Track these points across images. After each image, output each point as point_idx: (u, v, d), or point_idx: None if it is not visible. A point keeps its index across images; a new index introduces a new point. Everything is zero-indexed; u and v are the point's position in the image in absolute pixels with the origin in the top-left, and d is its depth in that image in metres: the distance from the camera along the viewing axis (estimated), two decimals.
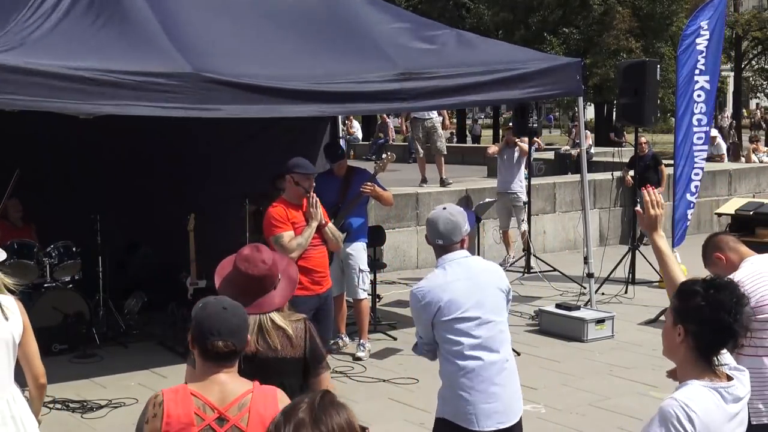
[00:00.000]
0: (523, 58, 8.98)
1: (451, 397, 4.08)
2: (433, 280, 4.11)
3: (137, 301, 9.01)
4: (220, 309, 3.04)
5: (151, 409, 2.96)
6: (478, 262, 4.29)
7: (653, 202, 3.89)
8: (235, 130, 9.39)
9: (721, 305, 2.87)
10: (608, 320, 8.78)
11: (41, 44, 6.53)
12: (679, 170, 10.66)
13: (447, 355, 4.10)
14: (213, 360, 3.00)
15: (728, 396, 2.89)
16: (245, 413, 2.97)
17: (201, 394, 2.97)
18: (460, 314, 4.03)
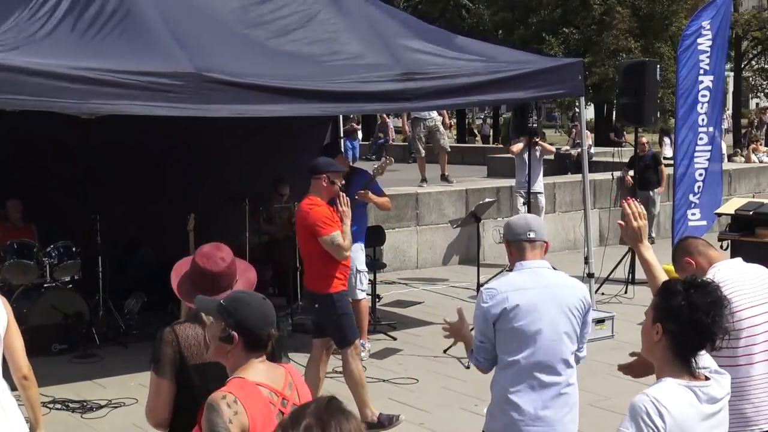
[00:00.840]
0: (524, 59, 8.98)
1: (500, 414, 3.89)
2: (506, 282, 3.92)
3: (137, 301, 9.01)
4: (262, 301, 3.12)
5: (227, 409, 2.90)
6: (558, 276, 4.07)
7: (635, 214, 3.87)
8: (235, 130, 9.38)
9: (699, 306, 2.86)
10: (608, 320, 8.79)
11: (42, 44, 6.53)
12: (680, 170, 10.66)
13: (502, 366, 3.89)
14: (259, 349, 3.07)
15: (702, 395, 2.88)
16: (295, 390, 3.09)
17: (263, 382, 3.03)
18: (524, 325, 3.81)
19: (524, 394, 3.82)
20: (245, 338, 3.05)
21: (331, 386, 7.29)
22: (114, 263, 9.11)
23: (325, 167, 6.46)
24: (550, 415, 3.83)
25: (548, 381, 3.84)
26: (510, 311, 3.81)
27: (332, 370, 7.70)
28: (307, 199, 6.37)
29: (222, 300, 3.15)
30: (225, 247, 3.70)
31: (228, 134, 9.53)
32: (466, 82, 8.10)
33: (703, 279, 3.01)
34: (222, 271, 3.60)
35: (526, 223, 4.00)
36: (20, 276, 8.28)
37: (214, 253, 3.64)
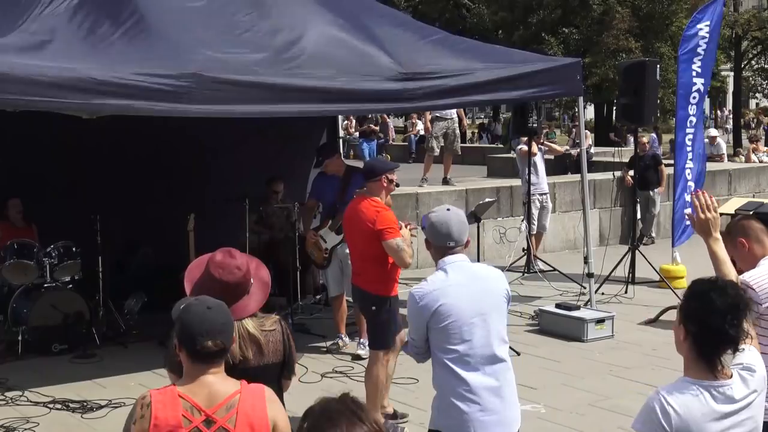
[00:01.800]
0: (523, 59, 8.99)
1: (447, 407, 3.94)
2: (434, 283, 3.99)
3: (137, 301, 9.01)
4: (205, 309, 3.02)
5: (139, 410, 2.99)
6: (481, 267, 4.21)
7: (703, 206, 3.81)
8: (235, 130, 9.39)
9: (716, 309, 2.88)
10: (608, 320, 8.78)
11: (44, 44, 6.53)
12: (680, 170, 10.68)
13: (443, 362, 3.96)
14: (202, 361, 3.00)
15: (719, 395, 2.90)
16: (233, 414, 2.98)
17: (188, 396, 2.98)
18: (459, 320, 3.91)
19: (468, 384, 3.90)
20: (184, 347, 3.02)
21: (331, 386, 7.30)
22: (114, 263, 9.12)
23: (381, 169, 6.51)
24: (497, 403, 3.93)
25: (489, 369, 3.93)
26: (442, 311, 3.90)
27: (332, 369, 7.71)
28: (369, 200, 6.35)
29: (181, 305, 3.14)
30: (237, 252, 3.68)
31: (228, 134, 9.54)
32: (466, 81, 8.10)
33: (727, 280, 3.03)
34: (239, 281, 3.58)
35: (447, 232, 4.04)
36: (20, 276, 8.28)
37: (229, 262, 3.60)
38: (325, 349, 8.31)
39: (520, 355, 7.96)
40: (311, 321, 9.31)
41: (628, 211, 13.56)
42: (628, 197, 13.74)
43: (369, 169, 6.59)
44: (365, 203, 6.37)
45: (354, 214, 6.43)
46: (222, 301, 3.15)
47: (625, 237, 13.66)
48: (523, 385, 7.30)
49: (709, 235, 3.80)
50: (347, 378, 7.54)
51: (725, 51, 37.53)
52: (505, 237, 12.36)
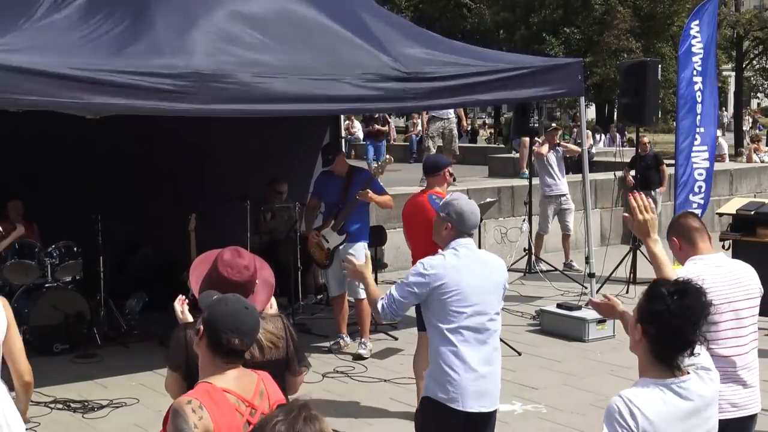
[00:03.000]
0: (523, 60, 8.99)
1: (440, 375, 4.25)
2: (445, 259, 4.30)
3: (138, 301, 9.01)
4: (242, 308, 3.07)
5: (193, 415, 2.90)
6: (485, 253, 4.60)
7: (641, 207, 3.85)
8: (235, 129, 9.38)
9: (680, 313, 2.85)
10: (609, 320, 8.78)
11: (47, 44, 6.53)
12: (681, 170, 10.67)
13: (442, 332, 4.26)
14: (224, 356, 3.03)
15: (683, 392, 2.87)
16: (266, 400, 3.06)
17: (231, 389, 3.00)
18: (463, 296, 4.22)
19: (463, 354, 4.23)
20: (208, 336, 3.03)
21: (332, 386, 7.31)
22: (115, 263, 9.12)
23: (444, 163, 6.96)
24: (486, 375, 4.29)
25: (483, 345, 4.28)
26: (450, 284, 4.22)
27: (333, 369, 7.71)
28: (434, 192, 6.68)
29: (215, 296, 3.17)
30: (244, 251, 3.71)
31: (229, 134, 9.53)
32: (467, 81, 8.09)
33: (689, 282, 2.97)
34: (247, 280, 3.63)
35: (476, 221, 4.45)
36: (21, 276, 8.28)
37: (237, 262, 3.63)
38: (326, 349, 8.31)
39: (521, 355, 7.96)
40: (312, 321, 9.31)
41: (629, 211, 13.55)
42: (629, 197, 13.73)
43: (433, 164, 6.93)
44: (428, 195, 6.71)
45: (419, 205, 6.68)
46: (254, 305, 3.21)
47: (626, 237, 13.64)
48: (524, 385, 7.31)
49: (647, 236, 3.85)
50: (348, 378, 7.54)
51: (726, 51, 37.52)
52: (506, 237, 12.36)
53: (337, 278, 8.27)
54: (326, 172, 8.50)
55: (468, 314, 4.24)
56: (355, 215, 8.13)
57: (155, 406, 6.60)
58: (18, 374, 3.81)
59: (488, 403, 4.29)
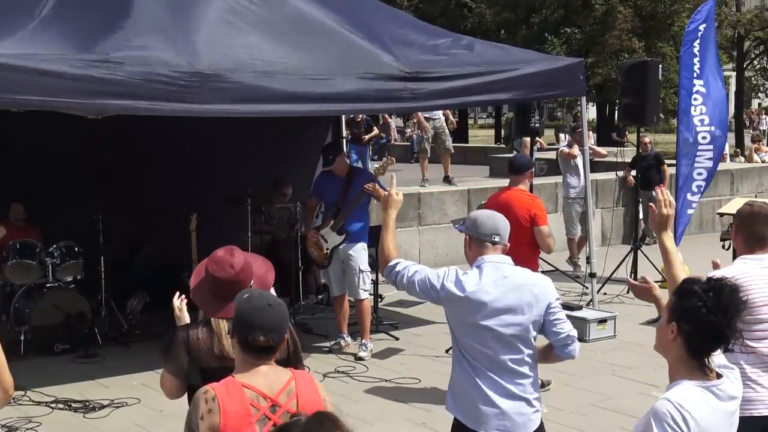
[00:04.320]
0: (527, 59, 8.98)
1: (458, 392, 3.99)
2: (467, 279, 3.90)
3: (139, 301, 9.01)
4: (265, 305, 3.08)
5: (204, 405, 2.98)
6: (521, 273, 4.03)
7: (665, 201, 3.87)
8: (238, 130, 9.38)
9: (716, 309, 2.87)
10: (610, 320, 8.78)
11: (50, 45, 6.53)
12: (681, 170, 10.66)
13: (456, 345, 3.96)
14: (253, 353, 3.06)
15: (722, 394, 2.91)
16: (293, 399, 3.06)
17: (252, 385, 3.03)
18: (479, 319, 3.85)
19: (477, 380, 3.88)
20: (237, 335, 3.08)
21: (332, 386, 7.31)
22: (116, 263, 9.11)
23: (529, 165, 7.41)
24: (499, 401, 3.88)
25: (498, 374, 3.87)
26: (463, 303, 3.85)
27: (334, 369, 7.72)
28: (518, 190, 7.06)
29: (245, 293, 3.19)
30: (237, 251, 3.68)
31: (230, 134, 9.53)
32: (468, 82, 8.09)
33: (721, 279, 3.01)
34: (231, 279, 3.58)
35: (494, 225, 4.01)
36: (23, 276, 8.29)
37: (224, 259, 3.62)
38: (327, 349, 8.31)
39: None
40: (313, 321, 9.31)
41: (630, 211, 13.53)
42: (630, 197, 13.73)
43: (519, 165, 7.28)
44: (516, 192, 7.09)
45: (505, 202, 6.89)
46: (282, 301, 3.19)
47: (627, 237, 13.65)
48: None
49: (664, 229, 3.85)
50: (349, 378, 7.54)
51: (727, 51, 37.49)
52: None
53: (338, 279, 8.27)
54: (326, 172, 8.51)
55: (477, 339, 3.88)
56: (355, 215, 8.13)
57: (156, 405, 6.60)
58: (4, 387, 3.61)
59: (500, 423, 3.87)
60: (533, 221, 6.88)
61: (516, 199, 6.96)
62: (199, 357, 3.53)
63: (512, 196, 7.02)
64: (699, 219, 14.31)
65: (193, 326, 3.64)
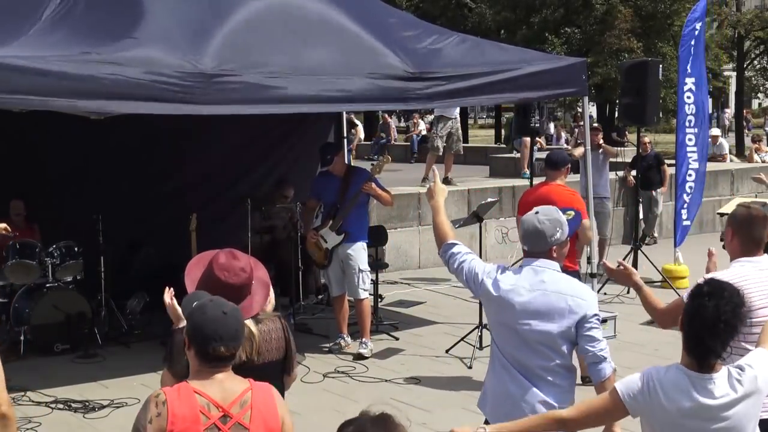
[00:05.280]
0: (529, 59, 8.99)
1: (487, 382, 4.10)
2: (504, 278, 3.92)
3: (139, 301, 9.01)
4: (220, 314, 3.01)
5: (154, 409, 2.94)
6: (561, 280, 3.93)
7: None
8: (239, 130, 9.39)
9: (712, 315, 2.96)
10: (611, 320, 8.74)
11: (53, 45, 6.53)
12: (681, 170, 10.67)
13: (495, 350, 4.03)
14: (211, 363, 3.01)
15: (701, 387, 2.98)
16: (247, 410, 3.00)
17: (204, 392, 2.97)
18: (507, 319, 3.87)
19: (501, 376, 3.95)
20: (194, 346, 3.02)
21: (332, 386, 7.30)
22: (116, 263, 9.11)
23: (566, 160, 7.51)
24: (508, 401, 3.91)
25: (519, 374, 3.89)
26: (496, 302, 3.91)
27: (334, 369, 7.71)
28: (556, 185, 7.19)
29: (195, 302, 3.14)
30: (240, 253, 3.68)
31: (232, 134, 9.54)
32: (472, 82, 8.09)
33: (726, 285, 3.06)
34: (243, 283, 3.60)
35: (522, 233, 4.04)
36: (22, 276, 8.28)
37: (233, 264, 3.61)
38: (327, 349, 8.31)
39: None
40: (313, 321, 9.30)
41: (631, 211, 13.53)
42: (630, 197, 13.72)
43: (557, 160, 7.40)
44: (555, 187, 7.19)
45: (544, 196, 6.96)
46: (235, 305, 3.15)
47: (627, 237, 13.64)
48: None
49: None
50: (349, 378, 7.54)
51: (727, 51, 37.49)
52: (507, 237, 12.35)
53: (338, 279, 8.27)
54: (324, 173, 8.50)
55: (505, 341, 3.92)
56: (354, 215, 8.13)
57: None
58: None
59: None
60: None
61: (557, 194, 7.07)
62: None
63: (553, 191, 7.16)
64: (699, 219, 14.27)
65: None
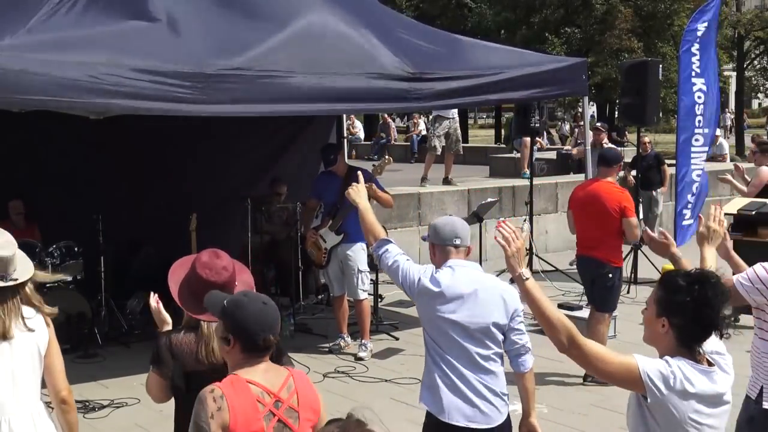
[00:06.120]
0: (529, 60, 8.99)
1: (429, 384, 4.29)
2: (442, 276, 4.08)
3: (139, 301, 9.00)
4: (262, 305, 3.09)
5: (213, 404, 2.97)
6: (490, 277, 4.23)
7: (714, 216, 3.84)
8: (239, 129, 9.39)
9: (705, 302, 2.97)
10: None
11: (52, 45, 6.53)
12: (681, 170, 10.67)
13: (427, 339, 4.27)
14: (259, 353, 3.08)
15: (709, 379, 3.00)
16: (294, 394, 3.09)
17: (256, 381, 3.04)
18: (450, 313, 4.07)
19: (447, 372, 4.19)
20: (241, 342, 3.07)
21: (332, 386, 7.30)
22: (116, 263, 9.11)
23: (619, 157, 7.82)
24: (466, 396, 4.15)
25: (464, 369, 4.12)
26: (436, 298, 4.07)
27: (334, 369, 7.71)
28: (606, 183, 7.46)
29: (225, 301, 3.16)
30: (223, 253, 3.73)
31: (231, 134, 9.54)
32: (472, 82, 8.11)
33: (703, 271, 3.07)
34: (225, 281, 3.63)
35: (452, 230, 4.17)
36: None
37: (215, 263, 3.66)
38: (326, 349, 8.31)
39: None
40: (313, 321, 9.31)
41: None
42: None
43: (610, 157, 7.69)
44: (605, 184, 7.47)
45: (594, 193, 7.47)
46: (268, 297, 3.21)
47: None
48: None
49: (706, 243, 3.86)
50: (349, 378, 7.54)
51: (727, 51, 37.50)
52: None
53: (337, 279, 8.27)
54: (326, 173, 8.50)
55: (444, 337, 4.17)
56: (353, 215, 8.07)
57: (156, 406, 6.54)
58: (55, 390, 3.75)
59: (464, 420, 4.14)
60: (623, 213, 7.27)
61: (606, 191, 7.37)
62: (183, 361, 3.58)
63: (602, 188, 7.43)
64: None
65: (175, 331, 3.71)
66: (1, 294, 3.57)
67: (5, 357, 3.55)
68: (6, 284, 3.57)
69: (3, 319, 3.56)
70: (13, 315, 3.60)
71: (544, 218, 13.37)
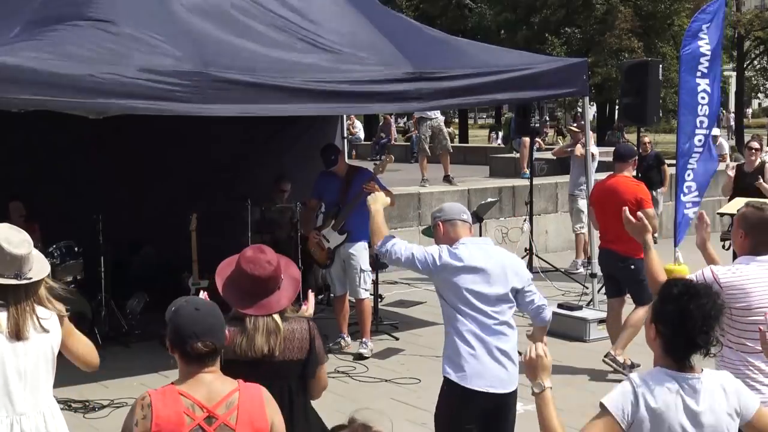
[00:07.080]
0: (530, 59, 9.00)
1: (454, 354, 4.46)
2: (464, 251, 4.44)
3: (139, 301, 9.01)
4: (193, 310, 3.05)
5: (140, 411, 2.97)
6: (502, 250, 4.70)
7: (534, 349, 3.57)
8: (239, 129, 9.39)
9: (690, 316, 2.92)
10: None
11: (50, 45, 6.53)
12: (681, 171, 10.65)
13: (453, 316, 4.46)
14: (195, 361, 3.02)
15: (688, 388, 2.96)
16: (233, 411, 2.99)
17: (189, 393, 2.98)
18: (472, 284, 4.40)
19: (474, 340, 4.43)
20: (177, 350, 3.05)
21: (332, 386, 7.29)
22: (116, 263, 9.11)
23: (633, 152, 8.15)
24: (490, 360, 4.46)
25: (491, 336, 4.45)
26: (461, 273, 4.42)
27: (335, 369, 7.71)
28: (623, 177, 7.72)
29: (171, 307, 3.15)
30: (268, 248, 3.77)
31: (231, 133, 9.54)
32: (473, 82, 8.11)
33: (702, 284, 3.05)
34: (270, 275, 3.66)
35: (459, 208, 4.69)
36: None
37: (259, 257, 3.69)
38: (326, 349, 8.30)
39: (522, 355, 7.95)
40: (313, 321, 9.29)
41: None
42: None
43: (624, 152, 7.96)
44: (621, 178, 7.74)
45: (612, 188, 7.70)
46: (213, 303, 3.17)
47: None
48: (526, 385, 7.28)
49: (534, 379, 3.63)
50: (349, 378, 7.54)
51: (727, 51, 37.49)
52: (507, 237, 12.35)
53: (340, 278, 8.28)
54: (326, 173, 8.50)
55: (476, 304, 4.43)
56: (355, 215, 8.13)
57: None
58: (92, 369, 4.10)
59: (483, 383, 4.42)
60: (639, 204, 7.33)
61: (623, 185, 7.62)
62: (225, 349, 3.54)
63: (619, 182, 7.68)
64: None
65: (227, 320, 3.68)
66: (15, 293, 3.55)
67: (18, 357, 3.56)
68: (20, 282, 3.54)
69: (16, 319, 3.55)
70: (27, 315, 3.59)
71: (544, 218, 13.37)
